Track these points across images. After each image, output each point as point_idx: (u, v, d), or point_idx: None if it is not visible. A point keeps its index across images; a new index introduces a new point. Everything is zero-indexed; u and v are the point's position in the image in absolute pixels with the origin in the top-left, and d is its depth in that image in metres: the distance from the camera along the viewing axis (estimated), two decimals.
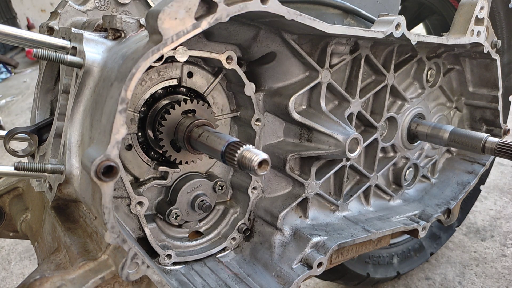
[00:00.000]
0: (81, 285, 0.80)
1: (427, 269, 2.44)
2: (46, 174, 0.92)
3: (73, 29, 0.95)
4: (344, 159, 1.28)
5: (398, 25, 1.11)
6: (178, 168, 1.09)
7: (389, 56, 1.31)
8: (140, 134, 1.04)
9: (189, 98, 1.01)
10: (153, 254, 1.07)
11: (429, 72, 1.49)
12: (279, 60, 1.09)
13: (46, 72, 1.17)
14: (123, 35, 0.91)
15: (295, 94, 1.10)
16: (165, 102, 1.03)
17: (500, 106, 1.61)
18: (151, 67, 0.99)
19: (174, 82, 1.05)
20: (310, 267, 1.12)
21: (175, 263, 1.12)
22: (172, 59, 0.98)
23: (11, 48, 9.71)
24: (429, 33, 2.54)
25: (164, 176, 1.08)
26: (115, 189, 0.98)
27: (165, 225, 1.13)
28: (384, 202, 1.55)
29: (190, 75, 1.06)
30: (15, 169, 0.88)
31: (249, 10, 0.78)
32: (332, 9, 1.50)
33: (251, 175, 1.16)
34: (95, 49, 0.88)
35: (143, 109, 1.02)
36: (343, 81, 1.26)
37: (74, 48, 0.89)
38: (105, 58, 0.87)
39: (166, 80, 1.03)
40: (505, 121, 1.69)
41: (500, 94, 1.59)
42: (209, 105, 1.08)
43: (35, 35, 0.89)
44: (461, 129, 1.44)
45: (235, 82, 1.10)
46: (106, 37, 0.91)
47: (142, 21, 0.91)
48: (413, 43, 1.19)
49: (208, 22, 0.74)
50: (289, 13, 0.86)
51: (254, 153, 0.77)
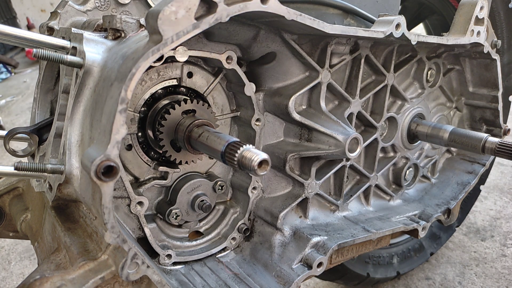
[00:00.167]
0: (81, 285, 0.80)
1: (427, 269, 2.44)
2: (46, 174, 0.92)
3: (73, 29, 0.95)
4: (344, 159, 1.28)
5: (398, 25, 1.11)
6: (178, 168, 1.09)
7: (389, 56, 1.31)
8: (140, 134, 1.04)
9: (189, 98, 1.01)
10: (153, 254, 1.07)
11: (429, 72, 1.50)
12: (279, 60, 1.09)
13: (46, 72, 1.17)
14: (123, 35, 0.91)
15: (295, 94, 1.10)
16: (165, 102, 1.03)
17: (500, 106, 1.61)
18: (151, 67, 0.99)
19: (174, 82, 1.05)
20: (310, 267, 1.12)
21: (175, 263, 1.12)
22: (172, 59, 0.98)
23: (11, 48, 9.71)
24: (429, 33, 2.54)
25: (164, 176, 1.08)
26: (115, 189, 0.98)
27: (165, 225, 1.13)
28: (384, 202, 1.55)
29: (190, 75, 1.06)
30: (15, 169, 0.88)
31: (249, 10, 0.78)
32: (332, 9, 1.50)
33: (251, 175, 1.16)
34: (95, 49, 0.88)
35: (143, 109, 1.02)
36: (343, 81, 1.26)
37: (74, 48, 0.90)
38: (105, 58, 0.87)
39: (166, 80, 1.03)
40: (505, 121, 1.69)
41: (500, 94, 1.59)
42: (209, 105, 1.08)
43: (35, 35, 0.89)
44: (461, 129, 1.44)
45: (235, 82, 1.10)
46: (106, 37, 0.91)
47: (142, 21, 0.91)
48: (413, 43, 1.19)
49: (208, 22, 0.74)
50: (289, 13, 0.86)
51: (254, 153, 0.77)
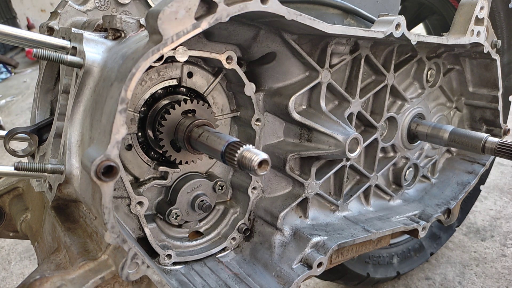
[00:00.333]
0: (81, 285, 0.80)
1: (427, 269, 2.44)
2: (46, 174, 0.92)
3: (73, 29, 0.95)
4: (344, 159, 1.28)
5: (398, 25, 1.11)
6: (178, 168, 1.09)
7: (389, 56, 1.31)
8: (140, 134, 1.04)
9: (189, 98, 1.01)
10: (153, 254, 1.07)
11: (429, 72, 1.49)
12: (279, 60, 1.09)
13: (46, 72, 1.17)
14: (123, 35, 0.91)
15: (295, 94, 1.10)
16: (165, 102, 1.03)
17: (500, 106, 1.61)
18: (151, 67, 0.99)
19: (174, 82, 1.05)
20: (310, 267, 1.12)
21: (175, 263, 1.12)
22: (172, 59, 0.98)
23: (11, 48, 9.71)
24: (429, 33, 2.54)
25: (164, 176, 1.08)
26: (115, 189, 0.98)
27: (165, 225, 1.13)
28: (384, 202, 1.55)
29: (190, 75, 1.06)
30: (15, 169, 0.88)
31: (249, 10, 0.78)
32: (332, 9, 1.50)
33: (251, 175, 1.16)
34: (95, 49, 0.88)
35: (143, 109, 1.02)
36: (343, 81, 1.26)
37: (74, 48, 0.89)
38: (105, 58, 0.87)
39: (166, 80, 1.03)
40: (505, 121, 1.69)
41: (500, 94, 1.59)
42: (209, 105, 1.08)
43: (35, 35, 0.89)
44: (461, 129, 1.44)
45: (235, 82, 1.10)
46: (106, 37, 0.91)
47: (142, 21, 0.91)
48: (413, 43, 1.19)
49: (208, 22, 0.74)
50: (289, 13, 0.86)
51: (254, 153, 0.77)
